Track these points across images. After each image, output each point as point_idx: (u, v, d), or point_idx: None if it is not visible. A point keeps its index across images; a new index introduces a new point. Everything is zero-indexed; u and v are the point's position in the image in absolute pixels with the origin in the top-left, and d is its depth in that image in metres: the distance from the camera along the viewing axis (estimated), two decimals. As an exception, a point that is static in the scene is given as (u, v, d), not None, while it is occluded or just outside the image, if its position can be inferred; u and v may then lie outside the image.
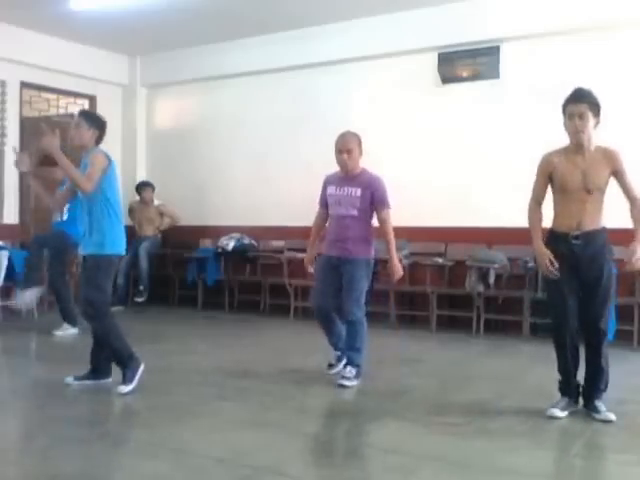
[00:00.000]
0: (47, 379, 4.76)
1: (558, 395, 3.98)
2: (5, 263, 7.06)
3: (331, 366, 4.85)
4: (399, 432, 3.67)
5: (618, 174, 3.82)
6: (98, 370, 4.49)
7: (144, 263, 8.32)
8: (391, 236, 4.66)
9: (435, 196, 7.40)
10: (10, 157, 8.20)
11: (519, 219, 4.17)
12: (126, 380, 4.29)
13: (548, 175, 3.93)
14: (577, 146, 3.83)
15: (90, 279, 4.30)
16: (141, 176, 9.34)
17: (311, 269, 4.92)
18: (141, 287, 8.32)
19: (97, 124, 4.53)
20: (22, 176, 8.33)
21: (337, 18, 7.68)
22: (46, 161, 6.64)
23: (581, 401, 3.97)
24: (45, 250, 6.63)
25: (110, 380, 4.47)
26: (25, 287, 6.53)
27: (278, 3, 7.30)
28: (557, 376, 4.03)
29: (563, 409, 3.89)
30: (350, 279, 4.57)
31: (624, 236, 4.01)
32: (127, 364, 4.34)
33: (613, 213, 3.96)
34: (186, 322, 7.71)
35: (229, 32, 8.24)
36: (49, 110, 9.02)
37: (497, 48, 7.13)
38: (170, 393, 4.36)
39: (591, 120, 3.79)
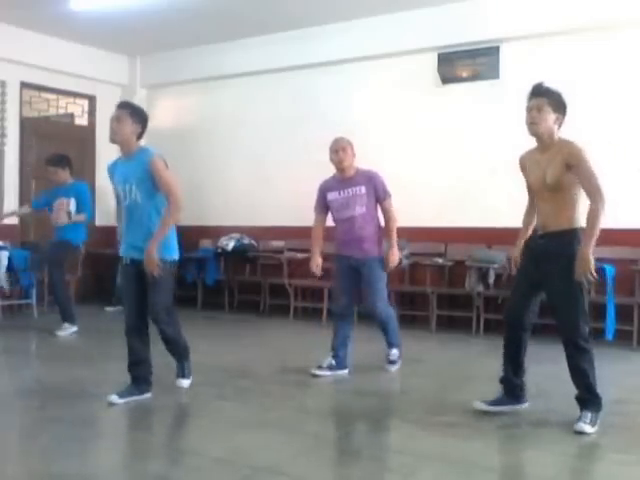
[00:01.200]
0: (47, 379, 4.76)
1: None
2: (5, 263, 7.07)
3: (319, 368, 4.86)
4: (399, 432, 3.67)
5: (574, 169, 3.56)
6: (142, 381, 4.18)
7: (144, 263, 8.31)
8: (395, 224, 4.88)
9: (435, 196, 7.40)
10: (10, 157, 8.26)
11: (519, 219, 4.16)
12: (188, 374, 4.43)
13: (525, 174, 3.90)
14: (540, 142, 3.71)
15: (161, 284, 4.04)
16: (141, 176, 9.33)
17: (318, 273, 5.00)
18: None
19: (141, 118, 4.13)
20: (22, 176, 8.38)
21: (337, 18, 7.68)
22: (48, 162, 6.67)
23: (526, 403, 3.91)
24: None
25: (150, 395, 4.18)
26: (71, 322, 6.55)
27: (278, 3, 7.30)
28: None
29: (492, 404, 3.82)
30: (370, 279, 4.81)
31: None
32: (188, 358, 4.45)
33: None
34: (186, 322, 7.59)
35: (229, 32, 8.24)
36: (49, 110, 9.03)
37: (497, 48, 7.13)
38: (170, 393, 4.36)
39: (550, 114, 3.63)
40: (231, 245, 8.31)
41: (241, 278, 8.49)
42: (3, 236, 7.69)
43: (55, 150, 7.32)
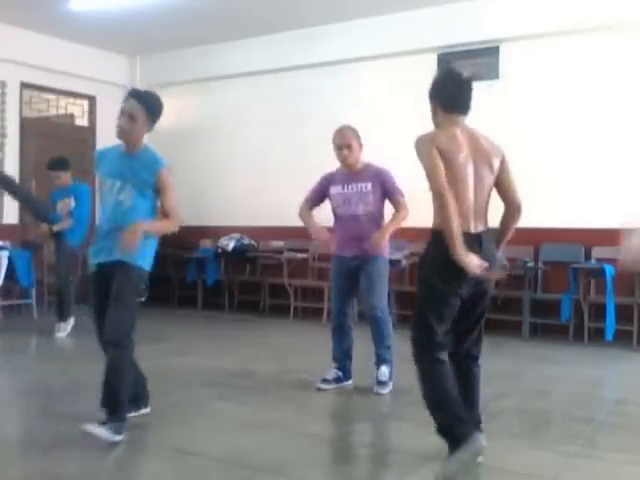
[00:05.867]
0: (47, 379, 4.76)
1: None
2: (5, 263, 7.07)
3: (325, 381, 4.49)
4: (399, 432, 3.67)
5: None
6: (138, 398, 3.70)
7: (144, 263, 8.32)
8: (402, 215, 4.43)
9: (435, 196, 7.38)
10: (10, 157, 8.25)
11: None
12: (112, 429, 3.24)
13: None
14: None
15: (128, 297, 3.42)
16: (141, 176, 9.34)
17: (332, 244, 4.44)
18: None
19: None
20: (22, 176, 8.37)
21: (338, 18, 7.69)
22: (50, 167, 6.63)
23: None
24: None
25: (149, 410, 3.77)
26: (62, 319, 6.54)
27: (279, 3, 7.30)
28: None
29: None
30: (370, 277, 4.36)
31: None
32: (122, 413, 3.35)
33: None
34: (186, 322, 7.71)
35: (230, 32, 8.25)
36: (49, 110, 9.03)
37: (497, 48, 7.14)
38: (170, 393, 4.35)
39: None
40: (231, 245, 8.32)
41: (241, 278, 8.49)
42: (3, 236, 7.69)
43: (55, 151, 7.32)
